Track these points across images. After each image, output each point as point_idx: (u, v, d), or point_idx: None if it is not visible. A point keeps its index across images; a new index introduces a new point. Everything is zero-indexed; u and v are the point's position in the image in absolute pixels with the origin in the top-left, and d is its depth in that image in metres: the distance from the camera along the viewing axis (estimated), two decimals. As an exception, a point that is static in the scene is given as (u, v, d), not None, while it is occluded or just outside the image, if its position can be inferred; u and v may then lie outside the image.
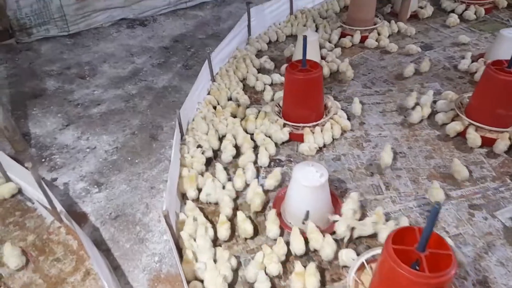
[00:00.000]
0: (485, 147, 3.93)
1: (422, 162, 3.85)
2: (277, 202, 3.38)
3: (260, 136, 4.04)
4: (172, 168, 3.34)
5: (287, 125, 4.17)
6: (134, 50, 6.41)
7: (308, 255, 2.99)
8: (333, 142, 4.15)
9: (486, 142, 3.87)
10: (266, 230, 3.10)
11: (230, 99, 4.80)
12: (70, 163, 4.10)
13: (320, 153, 4.02)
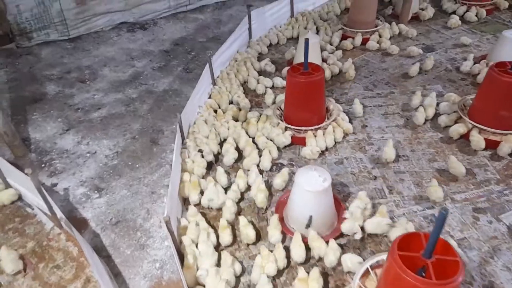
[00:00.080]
0: (488, 150, 3.89)
1: (425, 165, 3.81)
2: (279, 207, 3.34)
3: (261, 138, 4.01)
4: (173, 173, 3.31)
5: (289, 128, 4.14)
6: (135, 53, 6.39)
7: (310, 262, 2.95)
8: (335, 145, 4.11)
9: (490, 145, 3.84)
10: (268, 236, 3.06)
11: (231, 103, 4.77)
12: (70, 168, 4.07)
13: (322, 156, 3.98)
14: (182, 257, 2.89)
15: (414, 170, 3.76)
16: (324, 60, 5.50)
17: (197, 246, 2.96)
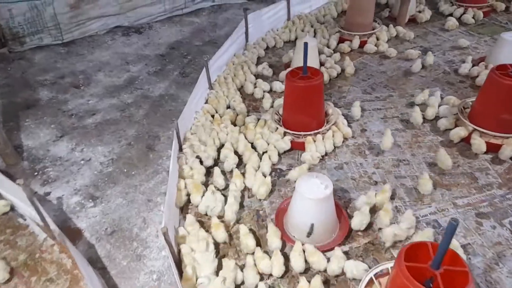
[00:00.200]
0: (489, 153, 3.84)
1: (426, 169, 3.75)
2: (279, 214, 3.26)
3: (260, 141, 3.95)
4: (170, 180, 3.22)
5: (288, 133, 4.07)
6: (130, 58, 6.30)
7: (312, 271, 2.87)
8: (334, 150, 4.05)
9: (491, 148, 3.79)
10: (268, 243, 2.99)
11: (229, 107, 4.70)
12: (64, 176, 3.96)
13: (321, 161, 3.91)
14: (180, 268, 2.80)
15: (415, 174, 3.70)
16: (322, 63, 5.44)
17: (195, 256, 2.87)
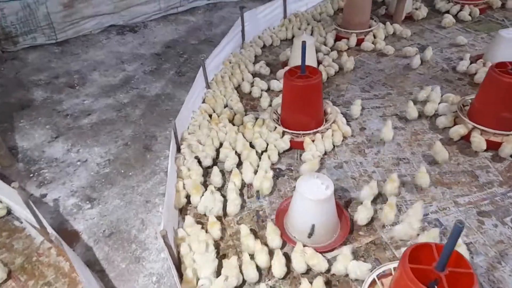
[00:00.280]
0: (490, 151, 3.83)
1: (426, 168, 3.71)
2: (279, 215, 3.23)
3: (258, 140, 3.91)
4: (169, 181, 3.18)
5: (287, 132, 4.03)
6: (125, 57, 6.22)
7: (313, 272, 2.84)
8: (334, 149, 4.02)
9: (491, 146, 3.78)
10: (268, 241, 2.96)
11: (226, 106, 4.65)
12: (60, 178, 3.90)
13: (321, 161, 3.87)
14: (180, 270, 2.76)
15: (415, 173, 3.67)
16: (319, 61, 5.40)
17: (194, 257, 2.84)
